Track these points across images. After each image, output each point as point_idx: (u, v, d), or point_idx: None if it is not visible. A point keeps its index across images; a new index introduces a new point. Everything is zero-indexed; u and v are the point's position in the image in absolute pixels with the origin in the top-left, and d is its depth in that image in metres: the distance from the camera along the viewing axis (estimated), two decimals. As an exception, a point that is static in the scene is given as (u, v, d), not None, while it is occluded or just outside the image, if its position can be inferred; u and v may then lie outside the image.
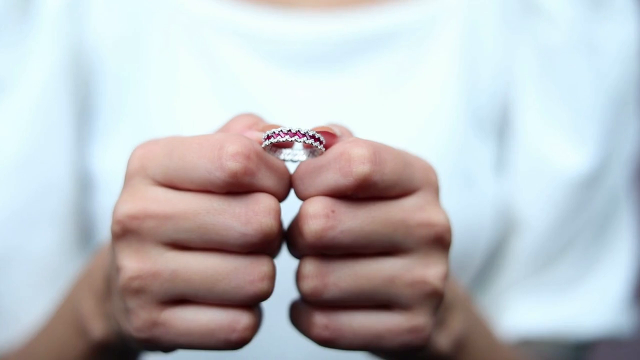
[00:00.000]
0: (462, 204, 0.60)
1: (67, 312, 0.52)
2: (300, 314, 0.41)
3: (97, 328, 0.47)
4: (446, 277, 0.40)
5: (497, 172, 0.63)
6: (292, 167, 0.40)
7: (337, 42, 0.61)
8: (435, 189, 0.40)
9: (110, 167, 0.59)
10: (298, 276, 0.39)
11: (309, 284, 0.38)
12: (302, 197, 0.39)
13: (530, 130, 0.62)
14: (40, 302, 0.59)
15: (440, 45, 0.61)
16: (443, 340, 0.46)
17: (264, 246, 0.37)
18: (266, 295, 0.38)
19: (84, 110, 0.61)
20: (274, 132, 0.38)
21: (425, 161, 0.40)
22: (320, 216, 0.37)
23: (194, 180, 0.37)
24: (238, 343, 0.38)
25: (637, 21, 0.63)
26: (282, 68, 0.60)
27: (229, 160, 0.36)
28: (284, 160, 0.39)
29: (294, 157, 0.39)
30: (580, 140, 0.61)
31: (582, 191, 0.62)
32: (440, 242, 0.39)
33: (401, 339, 0.39)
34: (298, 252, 0.40)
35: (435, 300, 0.39)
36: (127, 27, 0.61)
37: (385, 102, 0.61)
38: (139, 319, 0.38)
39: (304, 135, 0.38)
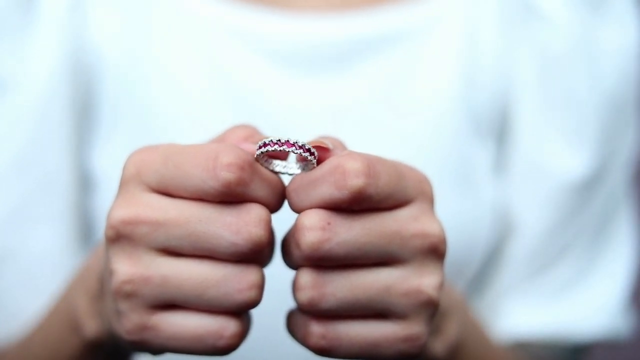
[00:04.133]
0: (461, 206, 0.60)
1: (62, 310, 0.53)
2: (297, 323, 0.41)
3: (90, 326, 0.48)
4: (441, 286, 0.40)
5: (496, 174, 0.63)
6: (285, 180, 0.40)
7: (336, 44, 0.61)
8: (429, 200, 0.40)
9: (110, 166, 0.60)
10: (295, 287, 0.39)
11: (306, 295, 0.39)
12: (297, 210, 0.39)
13: (528, 133, 0.62)
14: (40, 300, 0.60)
15: (439, 48, 0.62)
16: (438, 347, 0.47)
17: (253, 255, 0.38)
18: (254, 303, 0.38)
19: (84, 110, 0.61)
20: (271, 141, 0.39)
21: (419, 172, 0.41)
22: (316, 228, 0.38)
23: (188, 188, 0.37)
24: (225, 349, 0.39)
25: (637, 26, 0.63)
26: (282, 69, 0.61)
27: (223, 170, 0.37)
28: (275, 172, 0.40)
29: (284, 169, 0.40)
30: (578, 143, 0.62)
31: (580, 194, 0.62)
32: (434, 252, 0.40)
33: (397, 347, 0.40)
34: (293, 263, 0.40)
35: (431, 309, 0.40)
36: (128, 27, 0.61)
37: (385, 104, 0.61)
38: (130, 322, 0.39)
39: (300, 147, 0.39)
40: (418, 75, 0.62)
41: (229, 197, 0.37)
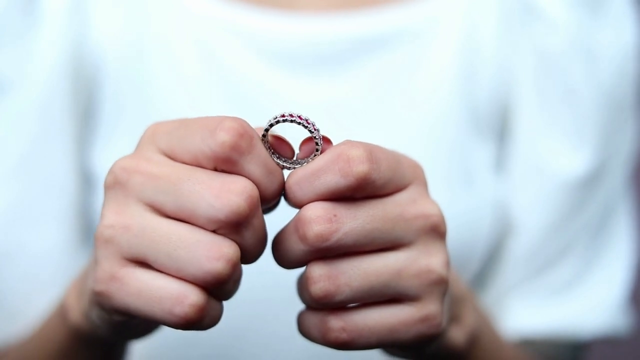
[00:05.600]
0: (461, 204, 0.61)
1: (58, 302, 0.53)
2: (312, 322, 0.41)
3: (74, 309, 0.48)
4: (448, 264, 0.41)
5: (496, 172, 0.64)
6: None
7: (336, 43, 0.62)
8: (424, 183, 0.42)
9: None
10: (308, 281, 0.40)
11: (321, 287, 0.39)
12: (298, 204, 0.40)
13: (528, 131, 0.63)
14: (41, 300, 0.60)
15: (439, 47, 0.63)
16: (459, 336, 0.47)
17: (230, 226, 0.38)
18: (220, 277, 0.38)
19: (86, 109, 0.62)
20: (282, 114, 0.40)
21: (411, 158, 0.42)
22: (322, 220, 0.38)
23: (189, 148, 0.39)
24: (182, 318, 0.38)
25: (635, 26, 0.64)
26: (282, 68, 0.62)
27: (222, 130, 0.38)
28: (279, 165, 0.41)
29: (284, 163, 0.41)
30: (578, 142, 0.63)
31: (579, 193, 0.63)
32: (436, 231, 0.41)
33: (415, 329, 0.40)
34: (292, 259, 0.41)
35: (442, 287, 0.41)
36: (129, 27, 0.62)
37: (385, 102, 0.62)
38: (102, 269, 0.39)
39: (310, 123, 0.40)
40: (417, 74, 0.62)
41: (223, 161, 0.38)
